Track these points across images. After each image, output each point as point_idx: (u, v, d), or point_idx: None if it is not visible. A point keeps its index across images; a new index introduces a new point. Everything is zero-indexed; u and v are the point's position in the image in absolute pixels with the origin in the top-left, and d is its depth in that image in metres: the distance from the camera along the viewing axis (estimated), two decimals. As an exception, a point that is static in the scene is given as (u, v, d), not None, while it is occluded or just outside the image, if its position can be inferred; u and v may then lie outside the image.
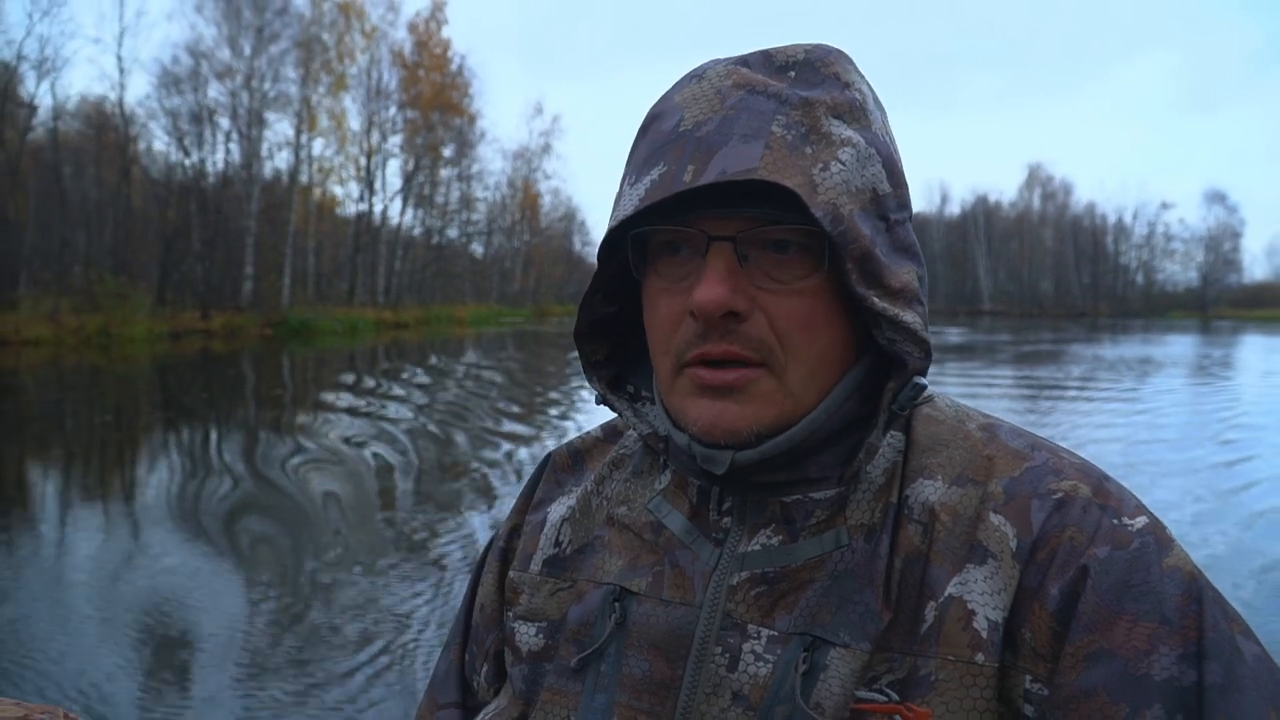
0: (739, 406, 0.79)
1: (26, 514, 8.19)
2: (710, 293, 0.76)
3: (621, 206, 0.80)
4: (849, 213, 0.75)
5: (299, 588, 6.14)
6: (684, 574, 0.84)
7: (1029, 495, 0.78)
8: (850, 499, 0.83)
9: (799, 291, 0.78)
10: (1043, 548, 0.76)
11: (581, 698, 0.84)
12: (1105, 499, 0.78)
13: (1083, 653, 0.71)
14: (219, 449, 11.66)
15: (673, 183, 0.75)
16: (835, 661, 0.76)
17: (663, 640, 0.82)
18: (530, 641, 0.91)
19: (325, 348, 31.89)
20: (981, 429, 0.86)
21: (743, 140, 0.75)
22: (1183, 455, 10.84)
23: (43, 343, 27.63)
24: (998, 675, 0.74)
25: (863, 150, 0.78)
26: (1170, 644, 0.70)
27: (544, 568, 0.94)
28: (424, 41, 55.18)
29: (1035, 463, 0.81)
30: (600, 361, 0.93)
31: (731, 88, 0.79)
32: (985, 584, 0.76)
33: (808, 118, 0.77)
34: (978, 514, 0.79)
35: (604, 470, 0.97)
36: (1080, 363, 26.17)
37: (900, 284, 0.79)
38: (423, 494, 9.08)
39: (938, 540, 0.79)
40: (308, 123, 45.19)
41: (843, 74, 0.81)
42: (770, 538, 0.83)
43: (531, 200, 73.78)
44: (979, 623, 0.75)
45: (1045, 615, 0.74)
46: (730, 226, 0.78)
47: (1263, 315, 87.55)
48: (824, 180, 0.75)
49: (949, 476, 0.82)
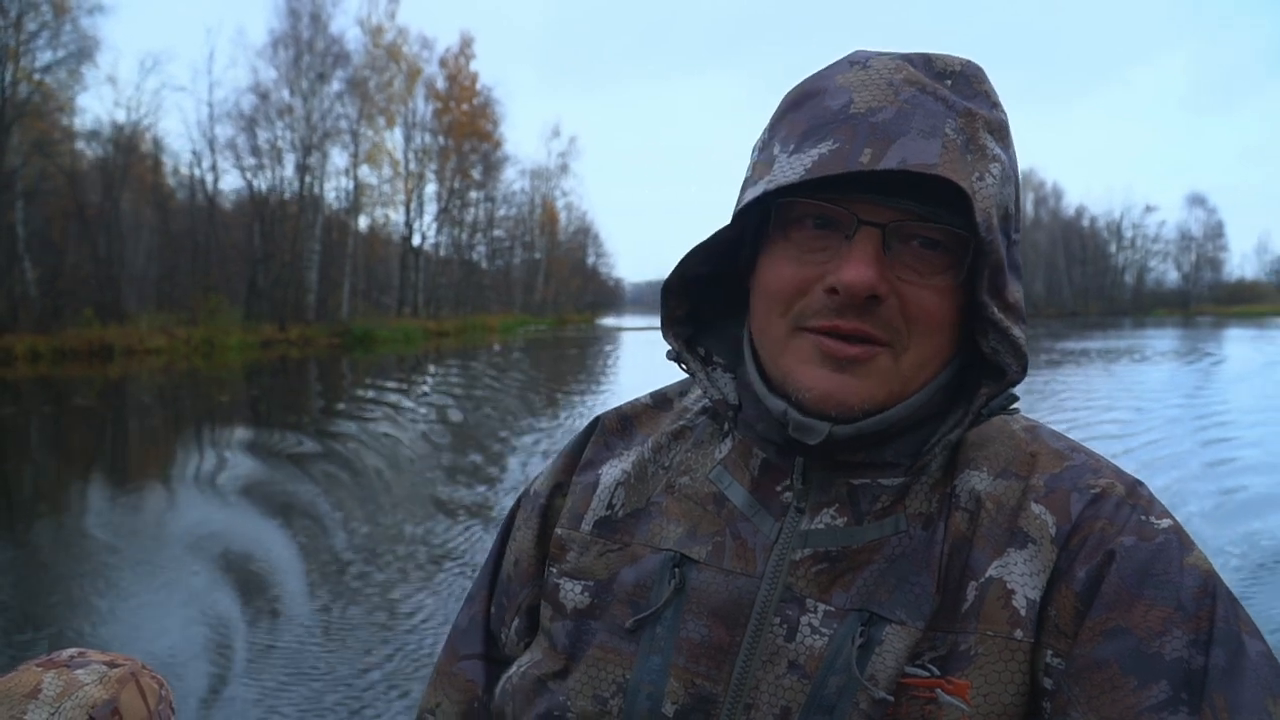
0: (858, 381, 0.81)
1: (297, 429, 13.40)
2: (861, 274, 0.78)
3: (780, 172, 0.80)
4: (995, 224, 0.78)
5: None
6: (746, 545, 0.86)
7: (1069, 489, 0.82)
8: (911, 488, 0.85)
9: (934, 287, 0.80)
10: (1077, 534, 0.80)
11: (636, 658, 0.86)
12: (1136, 499, 0.82)
13: (1100, 628, 0.75)
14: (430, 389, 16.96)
15: (847, 160, 0.76)
16: (890, 637, 0.79)
17: (723, 608, 0.84)
18: (576, 599, 0.92)
19: (401, 352, 36.89)
20: (1025, 429, 0.90)
21: (921, 135, 0.76)
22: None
23: (160, 351, 32.53)
24: (1032, 650, 0.77)
25: (1006, 169, 0.81)
26: (1183, 629, 0.73)
27: (595, 528, 0.95)
28: (454, 75, 60.56)
29: (1075, 463, 0.85)
30: (680, 319, 0.94)
31: (903, 82, 0.80)
32: (1025, 565, 0.79)
33: (969, 127, 0.79)
34: (1020, 504, 0.82)
35: (663, 439, 0.98)
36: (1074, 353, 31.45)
37: (1014, 299, 0.82)
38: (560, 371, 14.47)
39: (981, 526, 0.82)
40: (360, 155, 50.68)
41: (991, 93, 0.83)
42: (835, 518, 0.84)
43: (552, 217, 79.34)
44: (1018, 600, 0.78)
45: (1071, 595, 0.77)
46: (883, 214, 0.79)
47: (1241, 310, 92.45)
48: (981, 189, 0.77)
49: (994, 469, 0.85)
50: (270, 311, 40.78)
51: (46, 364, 27.38)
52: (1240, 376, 22.75)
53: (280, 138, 45.06)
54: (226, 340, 35.74)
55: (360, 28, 51.46)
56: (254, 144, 43.71)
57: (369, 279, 54.10)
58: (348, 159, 49.89)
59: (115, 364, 28.30)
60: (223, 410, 18.28)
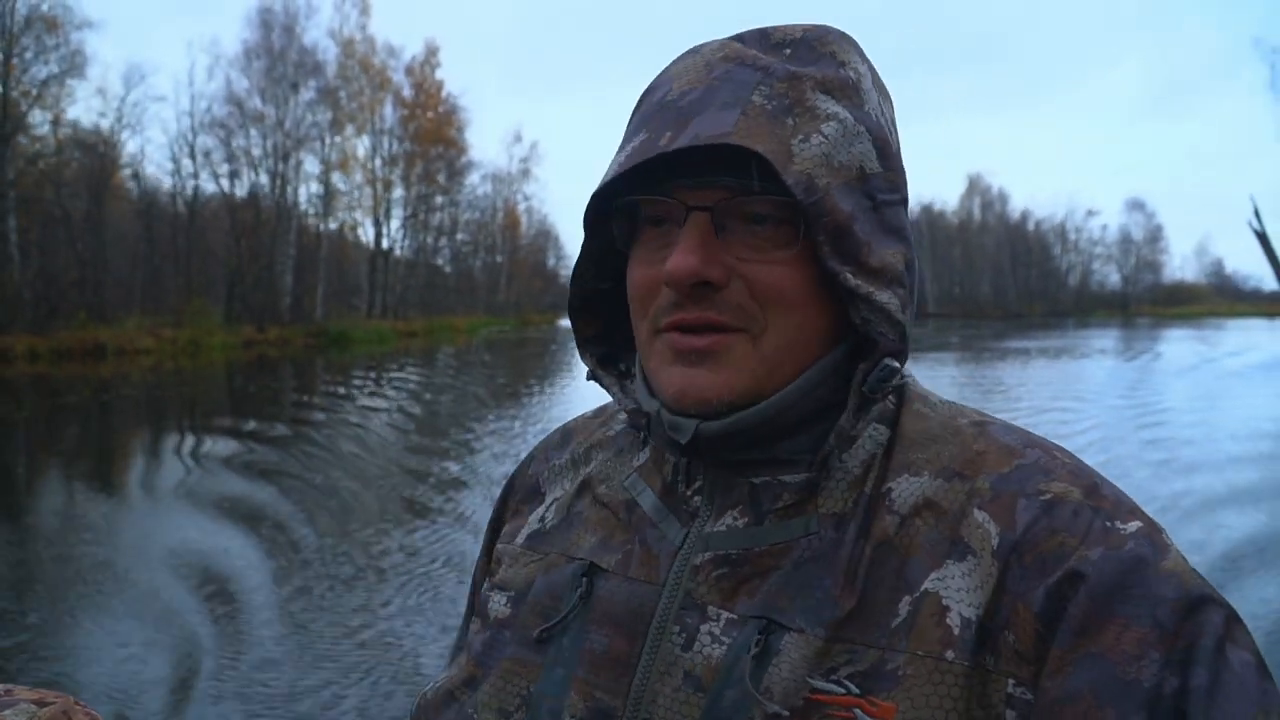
0: (711, 374, 0.78)
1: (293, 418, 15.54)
2: (682, 262, 0.75)
3: (606, 174, 0.80)
4: (825, 185, 0.74)
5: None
6: (651, 552, 0.83)
7: (1016, 493, 0.75)
8: (824, 487, 0.80)
9: (778, 261, 0.77)
10: (1029, 550, 0.72)
11: (542, 669, 0.83)
12: (1098, 501, 0.74)
13: (1070, 657, 0.68)
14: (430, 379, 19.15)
15: (650, 148, 0.75)
16: (788, 646, 0.74)
17: (623, 617, 0.81)
18: (499, 610, 0.90)
19: (379, 350, 38.71)
20: (974, 425, 0.83)
21: (721, 108, 0.74)
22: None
23: (149, 351, 34.10)
24: (969, 675, 0.70)
25: (850, 126, 0.77)
26: (1160, 649, 0.66)
27: (526, 540, 0.94)
28: (420, 83, 62.45)
29: (1026, 460, 0.78)
30: (592, 338, 0.93)
31: (720, 60, 0.78)
32: (963, 580, 0.73)
33: (793, 90, 0.76)
34: (962, 510, 0.76)
35: (590, 450, 0.97)
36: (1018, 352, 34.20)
37: (880, 263, 0.77)
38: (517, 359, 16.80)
39: (918, 535, 0.76)
40: (332, 161, 52.63)
41: (840, 53, 0.80)
42: (736, 519, 0.81)
43: (514, 221, 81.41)
44: (952, 619, 0.71)
45: (1030, 617, 0.70)
46: (708, 197, 0.77)
47: (1178, 312, 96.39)
48: (802, 151, 0.74)
49: (935, 470, 0.79)
50: (247, 313, 42.55)
51: (45, 363, 29.03)
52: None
53: (254, 144, 46.90)
54: (211, 341, 37.44)
55: (332, 39, 53.25)
56: (230, 151, 45.52)
57: (340, 282, 55.90)
58: (319, 165, 51.85)
59: (108, 363, 29.92)
60: (269, 395, 20.39)
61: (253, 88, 47.39)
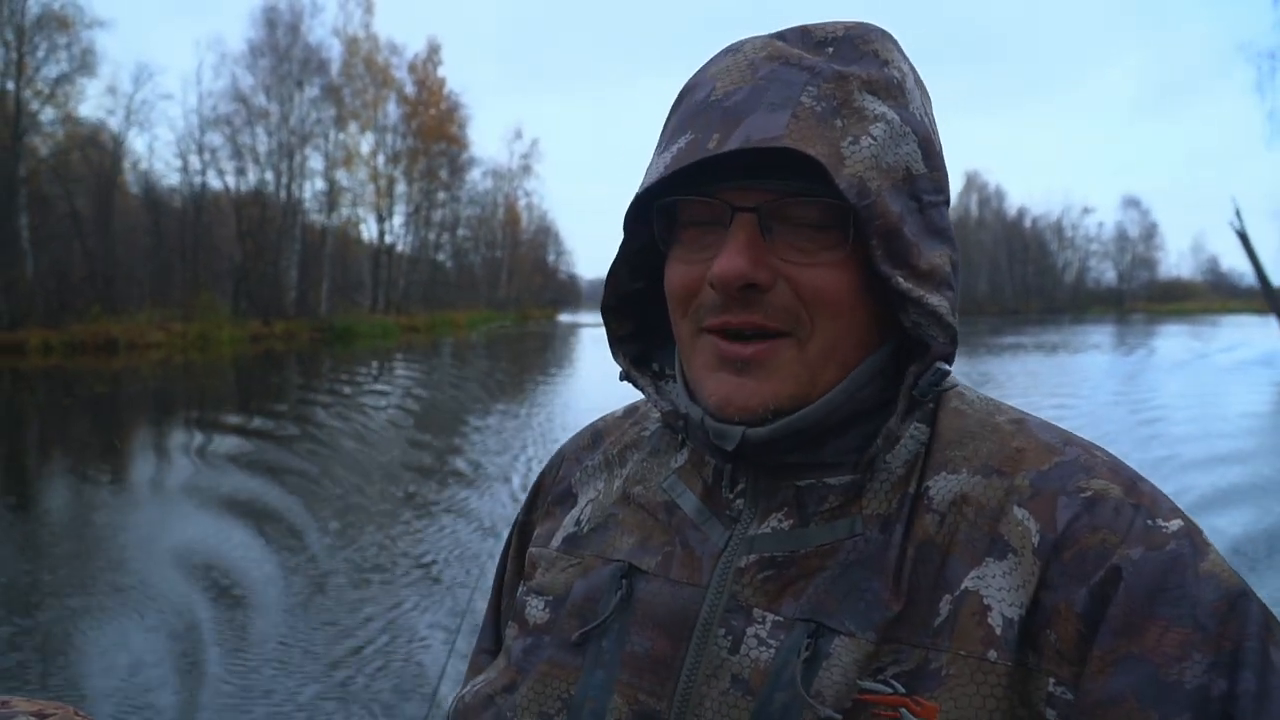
0: (756, 382, 0.77)
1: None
2: (730, 264, 0.74)
3: (648, 175, 0.79)
4: (877, 188, 0.73)
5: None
6: (693, 554, 0.83)
7: (1056, 491, 0.75)
8: (868, 488, 0.80)
9: (825, 264, 0.76)
10: (1069, 547, 0.72)
11: (581, 672, 0.83)
12: (1139, 499, 0.74)
13: (1111, 657, 0.67)
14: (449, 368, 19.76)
15: (697, 150, 0.74)
16: (839, 650, 0.73)
17: (667, 619, 0.80)
18: (537, 615, 0.90)
19: (385, 344, 39.21)
20: (1012, 422, 0.82)
21: (770, 109, 0.73)
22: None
23: (160, 345, 34.51)
24: (1011, 674, 0.70)
25: (897, 127, 0.76)
26: (1203, 651, 0.66)
27: (562, 544, 0.93)
28: (423, 80, 62.91)
29: (1066, 458, 0.77)
30: (626, 337, 0.92)
31: (764, 60, 0.77)
32: (1003, 579, 0.72)
33: (840, 91, 0.75)
34: (1001, 507, 0.75)
35: (624, 451, 0.97)
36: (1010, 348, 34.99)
37: (929, 266, 0.76)
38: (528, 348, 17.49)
39: (958, 533, 0.75)
40: (336, 158, 53.17)
41: (882, 52, 0.79)
42: (781, 521, 0.80)
43: (514, 216, 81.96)
44: (994, 618, 0.71)
45: (1072, 617, 0.69)
46: (755, 198, 0.76)
47: (1173, 308, 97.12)
48: (853, 153, 0.73)
49: (974, 468, 0.78)
50: (253, 308, 43.08)
51: (58, 355, 29.55)
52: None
53: (260, 141, 47.40)
54: (219, 335, 37.96)
55: (336, 37, 53.79)
56: (236, 148, 46.02)
57: (344, 277, 56.43)
58: (323, 162, 52.39)
59: (120, 356, 30.41)
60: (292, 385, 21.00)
61: (258, 85, 47.93)
